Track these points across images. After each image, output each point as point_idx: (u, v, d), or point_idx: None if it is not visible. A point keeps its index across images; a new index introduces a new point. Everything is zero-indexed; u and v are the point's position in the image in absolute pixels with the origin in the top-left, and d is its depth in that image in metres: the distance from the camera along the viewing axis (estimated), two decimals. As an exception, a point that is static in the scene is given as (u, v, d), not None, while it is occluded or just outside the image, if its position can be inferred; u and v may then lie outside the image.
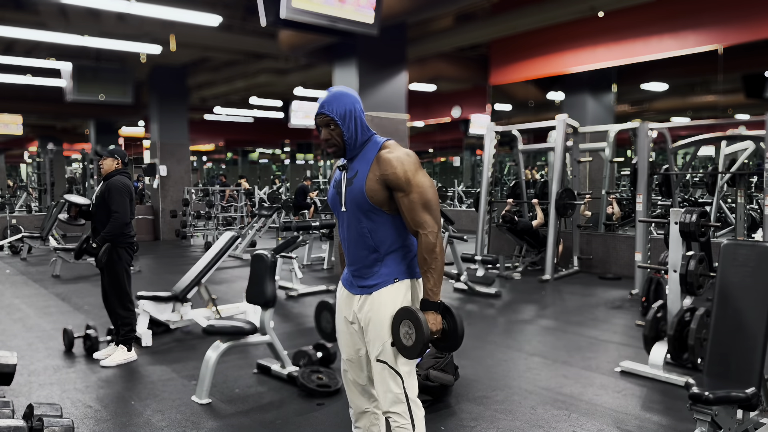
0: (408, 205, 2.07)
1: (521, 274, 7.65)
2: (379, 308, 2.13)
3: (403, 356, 2.09)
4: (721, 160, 7.90)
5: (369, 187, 2.09)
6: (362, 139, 2.15)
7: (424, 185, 2.07)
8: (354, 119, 2.13)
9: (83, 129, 18.96)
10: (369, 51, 7.32)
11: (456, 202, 16.16)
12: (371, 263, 2.15)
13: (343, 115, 2.11)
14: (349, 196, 2.15)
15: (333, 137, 2.14)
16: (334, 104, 2.12)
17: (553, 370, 4.08)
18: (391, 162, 2.08)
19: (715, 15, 7.68)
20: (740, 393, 2.52)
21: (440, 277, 2.08)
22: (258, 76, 11.86)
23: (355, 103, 2.15)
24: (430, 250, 2.05)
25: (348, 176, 2.17)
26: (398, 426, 2.13)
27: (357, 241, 2.16)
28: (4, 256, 9.85)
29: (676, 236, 4.02)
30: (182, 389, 3.74)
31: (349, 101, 2.13)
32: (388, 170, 2.07)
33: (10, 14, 7.80)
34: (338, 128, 2.12)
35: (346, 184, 2.17)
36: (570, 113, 8.00)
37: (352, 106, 2.13)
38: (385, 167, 2.08)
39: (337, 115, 2.11)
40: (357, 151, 2.16)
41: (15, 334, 5.01)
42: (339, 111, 2.11)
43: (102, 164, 4.38)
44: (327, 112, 2.12)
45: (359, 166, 2.14)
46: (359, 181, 2.12)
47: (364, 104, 2.38)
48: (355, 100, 2.16)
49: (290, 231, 7.59)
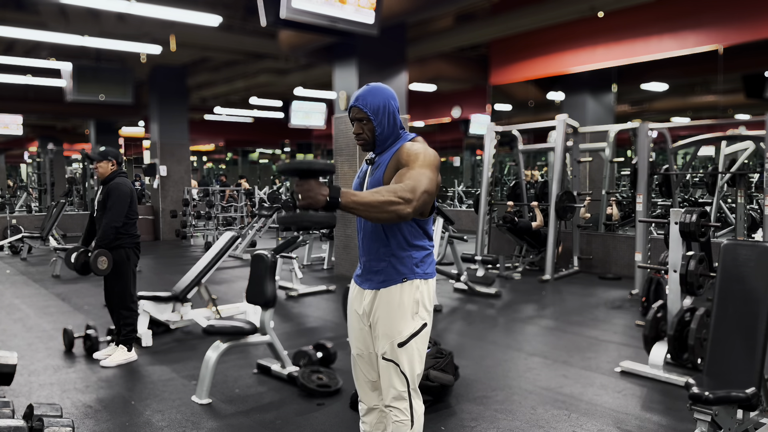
0: (403, 173, 1.99)
1: (521, 274, 7.65)
2: (387, 307, 2.13)
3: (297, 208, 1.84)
4: (721, 160, 7.90)
5: (387, 176, 2.10)
6: (393, 135, 2.16)
7: (426, 171, 1.99)
8: (387, 115, 2.12)
9: (83, 129, 18.96)
10: (369, 51, 7.32)
11: (456, 202, 16.15)
12: (381, 256, 2.15)
13: (376, 110, 2.11)
14: (369, 186, 2.16)
15: (364, 131, 2.14)
16: (368, 98, 2.11)
17: (553, 370, 4.08)
18: (408, 149, 2.08)
19: (715, 15, 7.68)
20: (740, 393, 2.52)
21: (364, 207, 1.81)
22: (258, 76, 11.86)
23: (390, 99, 2.13)
24: (391, 195, 1.85)
25: (372, 169, 2.19)
26: (397, 420, 2.15)
27: (371, 233, 2.16)
28: (4, 256, 9.85)
29: (676, 236, 4.02)
30: (182, 389, 3.74)
31: (383, 97, 2.12)
32: (402, 155, 2.07)
33: (10, 14, 7.80)
34: (370, 123, 2.12)
35: (369, 175, 2.19)
36: (570, 113, 8.01)
37: (386, 102, 2.12)
38: (401, 153, 2.08)
39: (370, 109, 2.10)
40: (386, 146, 2.16)
41: (15, 334, 5.01)
42: (372, 105, 2.10)
43: (97, 168, 4.28)
44: (361, 105, 2.11)
45: (383, 159, 2.16)
46: (380, 171, 2.13)
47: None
48: (390, 96, 2.15)
49: (290, 231, 7.59)
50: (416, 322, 2.13)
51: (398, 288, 2.13)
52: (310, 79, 11.75)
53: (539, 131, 8.97)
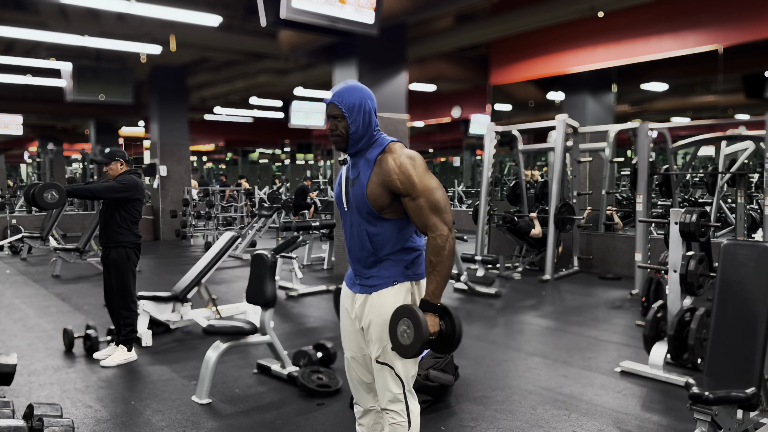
0: (416, 210, 2.04)
1: (521, 274, 7.65)
2: (378, 310, 2.12)
3: (399, 354, 2.07)
4: (721, 160, 7.90)
5: (371, 191, 2.06)
6: (368, 136, 2.12)
7: (430, 187, 2.03)
8: (363, 114, 2.09)
9: (83, 129, 18.95)
10: (369, 51, 7.32)
11: (456, 202, 16.15)
12: (371, 264, 2.15)
13: (351, 108, 2.08)
14: (352, 197, 2.13)
15: (338, 129, 2.11)
16: (345, 95, 2.10)
17: (553, 370, 4.08)
18: (394, 168, 2.04)
19: (715, 15, 7.68)
20: (740, 393, 2.52)
21: (444, 281, 2.04)
22: (258, 76, 11.85)
23: (366, 98, 2.11)
24: (437, 252, 2.02)
25: (351, 176, 2.15)
26: (395, 423, 2.15)
27: (358, 241, 2.15)
28: (4, 256, 9.85)
29: (676, 236, 4.02)
30: (182, 389, 3.74)
31: (360, 95, 2.10)
32: (392, 176, 2.04)
33: (10, 14, 7.80)
34: (345, 120, 2.10)
35: (350, 183, 2.15)
36: (570, 113, 8.00)
37: (362, 100, 2.10)
38: (389, 172, 2.04)
39: (345, 106, 2.08)
40: (361, 147, 2.13)
41: (15, 334, 5.01)
42: (348, 103, 2.09)
43: (108, 171, 4.35)
44: (336, 102, 2.10)
45: (362, 167, 2.11)
46: (361, 184, 2.09)
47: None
48: (368, 95, 2.13)
49: (290, 231, 7.59)
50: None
51: (389, 291, 2.12)
52: (310, 79, 11.75)
53: (539, 131, 8.97)
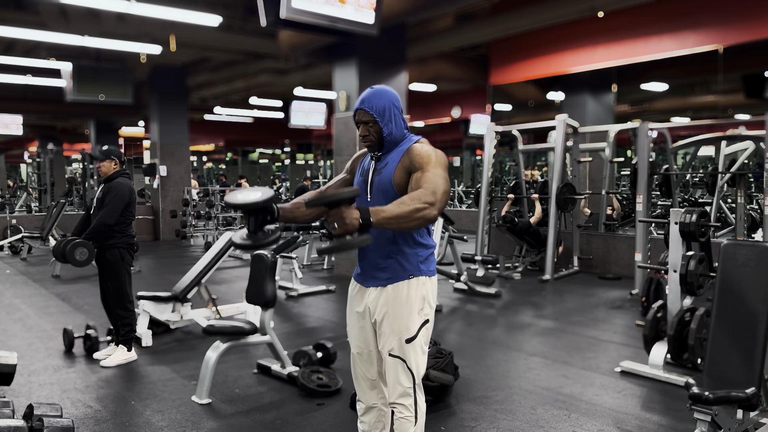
0: (417, 179, 2.04)
1: (521, 274, 7.65)
2: (394, 303, 2.15)
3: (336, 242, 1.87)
4: (721, 160, 7.89)
5: (396, 176, 2.13)
6: (399, 136, 2.20)
7: (438, 173, 2.04)
8: (393, 116, 2.17)
9: (83, 129, 18.96)
10: (369, 51, 7.32)
11: (456, 202, 16.15)
12: (387, 254, 2.17)
13: (382, 112, 2.15)
14: (376, 185, 2.19)
15: (370, 134, 2.18)
16: (374, 101, 2.15)
17: (553, 370, 4.08)
18: (419, 152, 2.12)
19: (715, 15, 7.68)
20: (740, 393, 2.52)
21: (395, 218, 1.88)
22: (258, 76, 11.85)
23: (394, 100, 2.19)
24: (413, 201, 1.91)
25: (378, 166, 2.21)
26: (402, 417, 2.17)
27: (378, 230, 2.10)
28: (4, 256, 9.85)
29: (676, 236, 4.02)
30: (182, 389, 3.74)
31: (388, 98, 2.17)
32: (413, 157, 2.11)
33: (10, 14, 7.80)
34: (377, 125, 2.16)
35: (375, 173, 2.20)
36: (570, 113, 8.01)
37: (391, 103, 2.17)
38: (412, 155, 2.12)
39: (376, 111, 2.15)
40: (392, 147, 2.20)
41: (15, 334, 5.01)
42: (378, 108, 2.15)
43: (100, 167, 4.34)
44: (366, 108, 2.16)
45: (391, 159, 2.18)
46: (388, 171, 2.16)
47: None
48: (394, 97, 2.20)
49: (290, 231, 7.58)
50: (422, 318, 2.17)
51: (405, 284, 2.16)
52: (310, 79, 11.75)
53: (539, 131, 8.97)
